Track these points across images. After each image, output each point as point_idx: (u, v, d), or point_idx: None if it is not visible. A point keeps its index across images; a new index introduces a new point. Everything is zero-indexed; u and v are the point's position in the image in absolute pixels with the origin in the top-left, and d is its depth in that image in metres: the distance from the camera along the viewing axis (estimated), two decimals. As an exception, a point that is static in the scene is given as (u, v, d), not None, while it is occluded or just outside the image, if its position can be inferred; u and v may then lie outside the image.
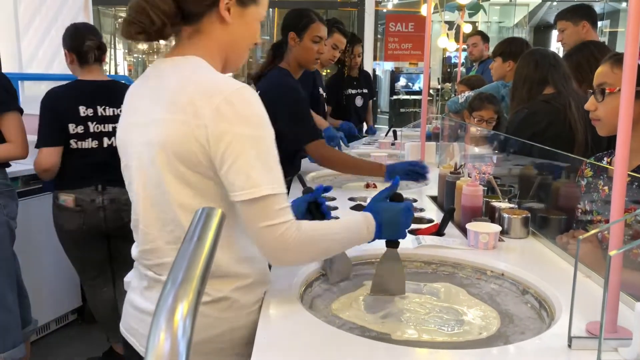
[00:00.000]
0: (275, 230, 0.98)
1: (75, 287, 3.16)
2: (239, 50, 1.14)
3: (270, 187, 0.97)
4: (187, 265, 0.42)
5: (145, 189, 1.07)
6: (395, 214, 1.16)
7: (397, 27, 7.14)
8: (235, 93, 0.98)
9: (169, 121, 1.00)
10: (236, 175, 0.97)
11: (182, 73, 1.04)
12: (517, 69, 2.33)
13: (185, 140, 0.98)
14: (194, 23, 1.07)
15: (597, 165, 1.55)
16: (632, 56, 0.91)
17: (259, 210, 0.98)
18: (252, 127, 0.98)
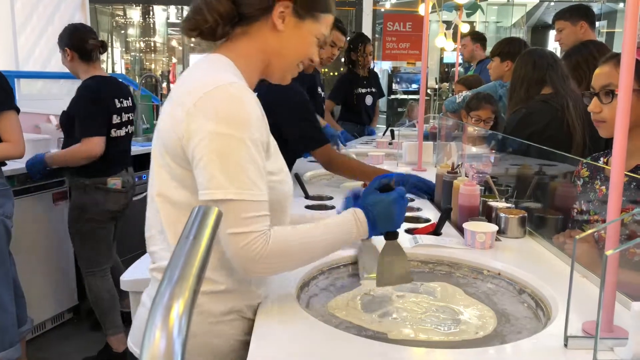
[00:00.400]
0: (239, 240, 0.93)
1: (71, 286, 3.15)
2: (285, 61, 1.10)
3: (236, 192, 0.92)
4: (183, 263, 0.42)
5: (150, 179, 1.08)
6: (387, 206, 1.10)
7: (395, 27, 7.15)
8: (220, 89, 0.96)
9: (166, 113, 1.02)
10: (202, 173, 0.94)
11: (196, 68, 1.06)
12: (515, 68, 2.33)
13: (170, 132, 0.98)
14: (245, 25, 1.06)
15: (593, 165, 1.56)
16: (630, 56, 0.91)
17: (224, 215, 0.92)
18: (230, 127, 0.94)
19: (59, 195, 3.03)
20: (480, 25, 11.04)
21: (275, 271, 1.03)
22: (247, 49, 1.07)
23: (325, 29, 1.11)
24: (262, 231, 0.95)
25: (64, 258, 3.08)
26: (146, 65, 12.18)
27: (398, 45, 7.20)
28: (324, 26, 1.11)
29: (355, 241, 1.12)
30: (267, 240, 0.95)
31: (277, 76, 1.13)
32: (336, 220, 1.08)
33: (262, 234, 0.94)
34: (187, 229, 0.46)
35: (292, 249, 1.00)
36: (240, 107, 0.96)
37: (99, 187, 2.69)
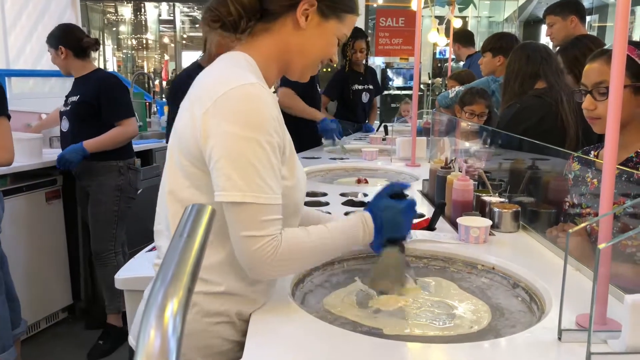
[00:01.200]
0: (253, 243, 0.93)
1: (66, 285, 3.14)
2: (306, 59, 1.09)
3: (253, 195, 0.92)
4: (177, 262, 0.42)
5: (164, 174, 1.08)
6: (397, 213, 1.11)
7: (388, 22, 7.14)
8: (239, 89, 0.94)
9: (184, 111, 1.02)
10: (219, 174, 0.93)
11: (215, 66, 1.05)
12: (509, 63, 2.33)
13: (187, 131, 0.98)
14: (267, 22, 1.05)
15: (584, 158, 1.56)
16: (621, 51, 0.92)
17: (239, 217, 0.93)
18: (248, 128, 0.92)
19: (52, 194, 3.01)
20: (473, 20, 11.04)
21: (283, 274, 1.03)
22: (268, 47, 1.06)
23: (348, 30, 1.10)
24: (274, 235, 0.95)
25: (58, 257, 3.06)
26: (138, 63, 12.13)
27: (391, 40, 7.19)
28: (347, 27, 1.10)
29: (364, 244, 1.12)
30: (279, 243, 0.95)
31: (297, 74, 1.12)
32: (345, 224, 1.08)
33: (274, 238, 0.95)
34: (180, 227, 0.46)
35: (302, 252, 1.00)
36: (259, 108, 0.94)
37: (130, 168, 2.90)
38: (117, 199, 2.85)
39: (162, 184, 1.07)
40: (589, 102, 1.45)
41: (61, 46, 2.76)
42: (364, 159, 2.92)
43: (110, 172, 2.82)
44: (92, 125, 2.75)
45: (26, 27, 3.86)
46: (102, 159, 2.78)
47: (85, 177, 2.83)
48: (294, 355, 0.93)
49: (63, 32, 2.80)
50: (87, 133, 2.74)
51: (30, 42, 3.92)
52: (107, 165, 2.81)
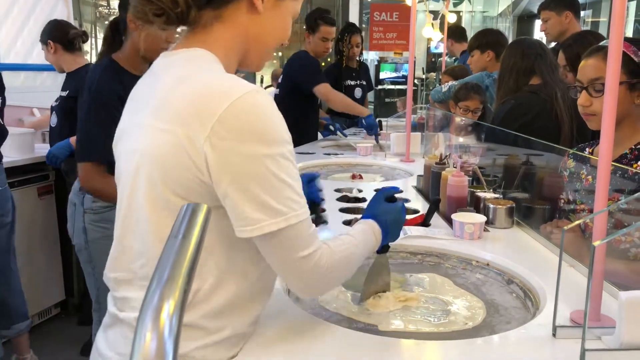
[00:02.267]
0: (309, 260, 0.83)
1: (58, 281, 3.13)
2: (263, 47, 0.95)
3: (295, 213, 0.80)
4: (172, 262, 0.42)
5: (127, 207, 0.89)
6: (398, 214, 1.10)
7: (382, 17, 7.12)
8: (245, 98, 0.78)
9: (156, 130, 0.82)
10: (250, 205, 0.78)
11: (182, 70, 0.86)
12: (504, 58, 2.33)
13: (174, 160, 0.80)
14: (217, 7, 0.88)
15: (579, 155, 1.57)
16: (617, 48, 0.92)
17: (287, 242, 0.81)
18: (269, 144, 0.79)
19: (44, 189, 2.99)
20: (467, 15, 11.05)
21: (331, 287, 0.97)
22: (224, 37, 0.90)
23: (299, 5, 0.97)
24: (322, 246, 0.86)
25: (50, 253, 3.05)
26: (131, 57, 12.03)
27: (385, 35, 7.18)
28: (299, 2, 0.97)
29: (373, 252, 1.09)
30: (330, 253, 0.87)
31: (255, 64, 0.97)
32: (359, 231, 1.02)
33: (324, 246, 0.87)
34: (175, 227, 0.46)
35: (348, 261, 0.93)
36: (273, 117, 0.81)
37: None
38: None
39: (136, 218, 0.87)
40: (585, 99, 1.44)
41: (50, 40, 2.74)
42: (358, 154, 2.92)
43: None
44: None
45: (17, 20, 3.82)
46: None
47: (71, 175, 2.80)
48: (288, 351, 0.92)
49: (50, 26, 2.79)
50: (74, 129, 2.70)
51: (22, 35, 3.87)
52: None
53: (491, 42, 3.13)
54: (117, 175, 0.94)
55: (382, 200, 1.11)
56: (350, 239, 0.97)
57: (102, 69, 1.84)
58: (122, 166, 0.92)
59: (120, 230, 0.91)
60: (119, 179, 0.93)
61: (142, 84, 0.95)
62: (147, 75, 0.95)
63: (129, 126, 0.92)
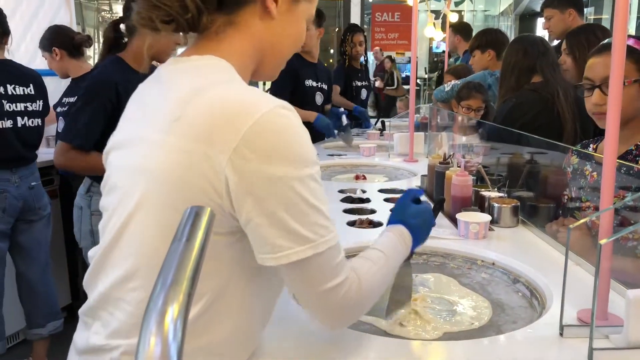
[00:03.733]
0: (337, 292, 0.77)
1: (64, 285, 3.13)
2: (278, 54, 0.88)
3: (324, 239, 0.74)
4: (176, 266, 0.41)
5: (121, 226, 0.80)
6: (428, 216, 1.05)
7: (384, 17, 7.13)
8: (271, 115, 0.72)
9: (168, 148, 0.74)
10: (276, 232, 0.72)
11: (197, 80, 0.78)
12: (506, 56, 2.33)
13: (190, 181, 0.72)
14: (229, 12, 0.82)
15: (582, 152, 1.56)
16: (621, 43, 0.91)
17: (314, 272, 0.75)
18: (297, 165, 0.72)
19: (50, 194, 2.98)
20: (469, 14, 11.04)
21: (362, 313, 0.87)
22: (238, 45, 0.83)
23: (314, 8, 0.92)
24: (350, 275, 0.79)
25: (56, 257, 3.05)
26: (134, 61, 12.07)
27: (387, 35, 7.19)
28: (314, 5, 0.91)
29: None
30: (359, 282, 0.80)
31: (269, 73, 0.91)
32: (390, 244, 0.95)
33: (353, 278, 0.79)
34: (179, 231, 0.45)
35: (377, 284, 0.86)
36: (300, 135, 0.74)
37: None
38: None
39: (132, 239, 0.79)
40: (599, 98, 1.41)
41: (55, 47, 2.76)
42: (361, 155, 2.91)
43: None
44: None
45: (20, 26, 3.83)
46: None
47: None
48: (294, 354, 0.92)
49: (54, 33, 2.80)
50: None
51: (25, 41, 3.88)
52: None
53: (491, 41, 3.14)
54: (109, 186, 0.86)
55: (410, 202, 1.04)
56: (379, 256, 0.89)
57: (107, 62, 1.90)
58: (120, 181, 0.83)
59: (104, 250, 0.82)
60: (110, 190, 0.85)
61: (149, 91, 0.86)
62: (154, 81, 0.87)
63: (132, 138, 0.83)
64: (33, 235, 2.55)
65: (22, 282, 2.58)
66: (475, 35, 3.36)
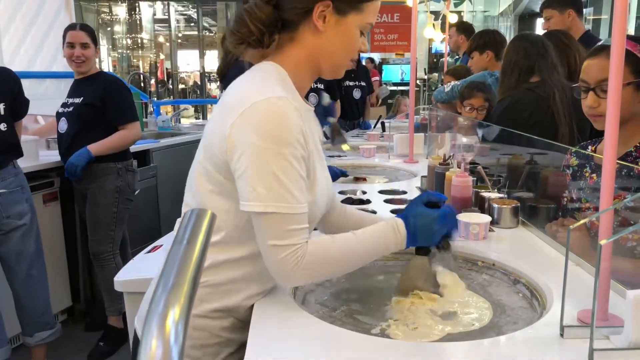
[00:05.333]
0: (279, 252, 0.96)
1: (65, 287, 3.13)
2: (333, 59, 1.09)
3: (277, 205, 0.95)
4: (177, 269, 0.42)
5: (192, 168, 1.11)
6: (431, 221, 1.10)
7: (383, 18, 7.13)
8: (263, 102, 0.96)
9: (216, 117, 1.04)
10: (244, 185, 0.96)
11: (245, 77, 1.07)
12: (507, 54, 2.32)
13: (214, 139, 1.01)
14: (290, 31, 1.06)
15: (582, 153, 1.56)
16: (619, 44, 0.91)
17: (264, 227, 0.97)
18: (272, 141, 0.95)
19: (49, 196, 3.00)
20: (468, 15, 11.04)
21: (308, 281, 1.07)
22: (296, 55, 1.07)
23: (372, 17, 1.09)
24: (300, 244, 0.97)
25: (56, 259, 3.05)
26: (133, 63, 12.09)
27: (386, 36, 7.20)
28: (369, 15, 1.08)
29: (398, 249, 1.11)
30: (304, 252, 0.97)
31: (330, 74, 1.13)
32: (374, 229, 1.08)
33: (300, 247, 0.97)
34: (180, 233, 0.46)
35: (328, 259, 1.02)
36: (283, 121, 0.96)
37: (128, 169, 2.90)
38: (115, 201, 2.84)
39: (190, 178, 1.10)
40: (592, 100, 1.43)
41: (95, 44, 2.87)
42: (361, 156, 2.92)
43: (109, 174, 2.81)
44: (93, 128, 2.75)
45: (20, 28, 3.83)
46: (100, 161, 2.77)
47: (84, 180, 2.82)
48: (295, 356, 0.92)
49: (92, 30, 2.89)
50: (88, 135, 2.73)
51: (25, 43, 3.89)
52: (106, 167, 2.80)
53: (489, 42, 3.15)
54: None
55: (419, 203, 1.13)
56: (348, 236, 1.05)
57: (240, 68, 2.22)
58: None
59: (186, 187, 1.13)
60: None
61: None
62: None
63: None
64: (9, 247, 2.45)
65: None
66: (473, 37, 3.37)
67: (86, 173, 2.77)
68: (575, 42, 2.42)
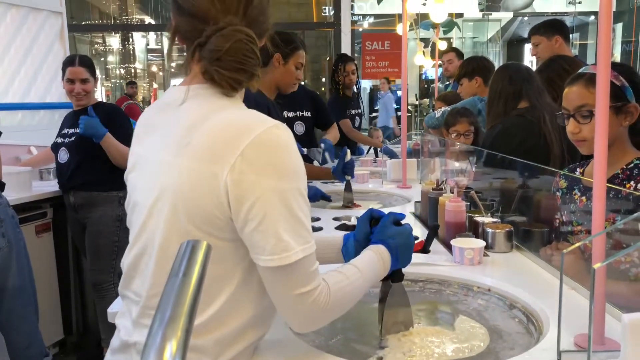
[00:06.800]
0: (307, 297, 0.86)
1: (57, 320, 3.09)
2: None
3: (302, 248, 0.84)
4: (174, 302, 0.42)
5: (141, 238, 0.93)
6: (408, 237, 1.09)
7: (374, 46, 7.24)
8: (266, 133, 0.84)
9: (180, 168, 0.86)
10: (264, 237, 0.83)
11: (205, 106, 0.89)
12: (492, 84, 2.37)
13: (200, 194, 0.84)
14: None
15: (570, 176, 1.58)
16: (605, 69, 0.93)
17: (290, 277, 0.85)
18: (285, 178, 0.84)
19: (42, 227, 2.98)
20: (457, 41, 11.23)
21: (328, 321, 0.95)
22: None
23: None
24: (321, 284, 0.89)
25: (49, 291, 3.02)
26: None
27: (377, 63, 7.29)
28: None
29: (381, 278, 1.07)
30: (328, 290, 0.89)
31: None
32: (365, 259, 1.02)
33: (322, 287, 0.89)
34: (176, 265, 0.46)
35: (347, 295, 0.94)
36: (291, 152, 0.86)
37: (119, 200, 2.81)
38: (117, 230, 2.82)
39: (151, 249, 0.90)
40: (573, 126, 1.47)
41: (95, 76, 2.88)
42: (355, 181, 2.92)
43: (110, 202, 2.79)
44: (95, 158, 2.74)
45: (14, 60, 3.86)
46: (102, 190, 2.77)
47: (84, 209, 2.80)
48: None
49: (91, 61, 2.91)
50: (90, 165, 2.75)
51: (19, 74, 3.91)
52: (107, 196, 2.79)
53: (477, 68, 3.22)
54: (132, 206, 0.97)
55: (391, 224, 1.10)
56: (353, 270, 0.97)
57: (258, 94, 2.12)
58: (139, 199, 0.94)
59: (133, 259, 0.95)
60: (133, 209, 0.96)
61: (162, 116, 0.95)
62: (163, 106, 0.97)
63: (147, 159, 0.94)
64: None
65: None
66: (461, 64, 3.44)
67: (87, 202, 2.77)
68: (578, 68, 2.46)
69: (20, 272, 2.47)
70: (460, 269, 1.45)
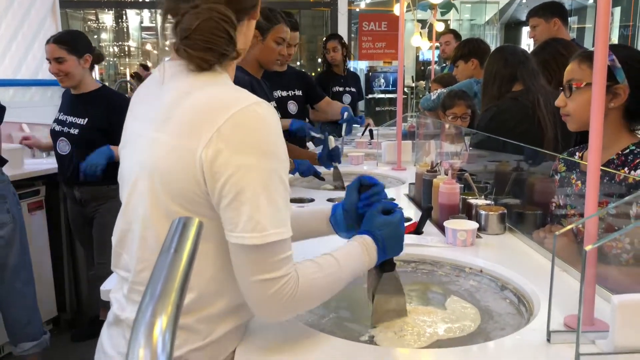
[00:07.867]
0: (269, 286, 0.82)
1: (50, 298, 3.09)
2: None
3: (277, 231, 0.81)
4: (164, 278, 0.41)
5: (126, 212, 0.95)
6: (396, 227, 1.04)
7: (371, 26, 7.17)
8: (245, 111, 0.81)
9: (159, 143, 0.85)
10: (237, 214, 0.80)
11: (188, 81, 0.88)
12: (487, 65, 2.36)
13: (177, 170, 0.83)
14: None
15: (570, 160, 1.58)
16: (603, 50, 0.93)
17: (256, 259, 0.81)
18: (263, 156, 0.81)
19: (35, 205, 2.97)
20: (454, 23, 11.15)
21: (292, 314, 0.92)
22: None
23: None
24: (291, 274, 0.84)
25: (42, 269, 3.02)
26: (120, 70, 12.03)
27: (374, 44, 7.23)
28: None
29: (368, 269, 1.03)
30: (295, 283, 0.84)
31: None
32: (349, 251, 0.98)
33: (291, 277, 0.84)
34: (167, 241, 0.45)
35: (318, 288, 0.90)
36: (271, 132, 0.83)
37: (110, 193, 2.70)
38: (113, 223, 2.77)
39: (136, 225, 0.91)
40: (560, 100, 1.50)
41: (88, 54, 2.59)
42: (350, 163, 2.92)
43: (108, 198, 2.68)
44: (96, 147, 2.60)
45: (5, 36, 3.80)
46: (111, 182, 2.63)
47: (92, 202, 2.71)
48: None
49: (86, 39, 2.64)
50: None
51: (10, 51, 3.86)
52: (115, 188, 2.72)
53: (473, 50, 3.21)
54: (120, 179, 0.99)
55: (378, 214, 1.05)
56: (330, 261, 0.93)
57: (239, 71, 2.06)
58: (125, 174, 0.96)
59: (119, 234, 0.97)
60: (122, 186, 0.99)
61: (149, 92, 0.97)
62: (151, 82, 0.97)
63: (133, 134, 0.96)
64: None
65: None
66: (457, 47, 3.42)
67: (95, 195, 2.69)
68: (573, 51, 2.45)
69: (23, 248, 2.49)
70: (452, 250, 1.46)
